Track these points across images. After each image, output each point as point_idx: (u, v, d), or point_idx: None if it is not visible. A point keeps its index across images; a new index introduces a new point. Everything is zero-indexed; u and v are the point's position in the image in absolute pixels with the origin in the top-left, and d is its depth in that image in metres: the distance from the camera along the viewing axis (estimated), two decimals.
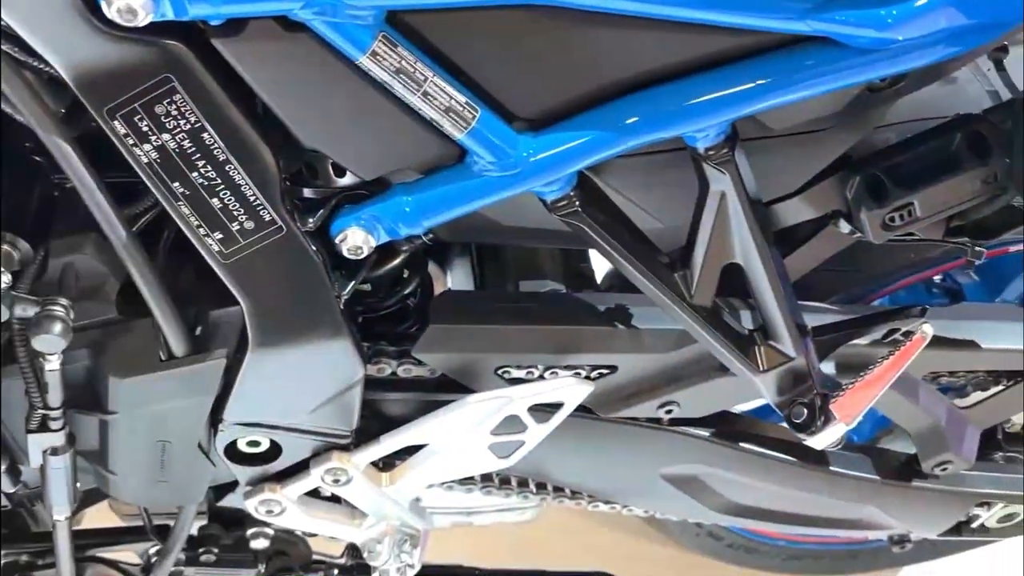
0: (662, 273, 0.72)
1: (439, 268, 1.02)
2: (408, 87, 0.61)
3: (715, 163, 0.66)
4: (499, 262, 0.96)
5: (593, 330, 0.83)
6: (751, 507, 1.02)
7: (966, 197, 0.68)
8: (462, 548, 1.39)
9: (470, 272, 0.98)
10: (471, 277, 0.98)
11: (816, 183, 0.71)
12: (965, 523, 1.10)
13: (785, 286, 0.73)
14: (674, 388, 0.87)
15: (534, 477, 1.01)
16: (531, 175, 0.66)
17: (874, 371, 0.75)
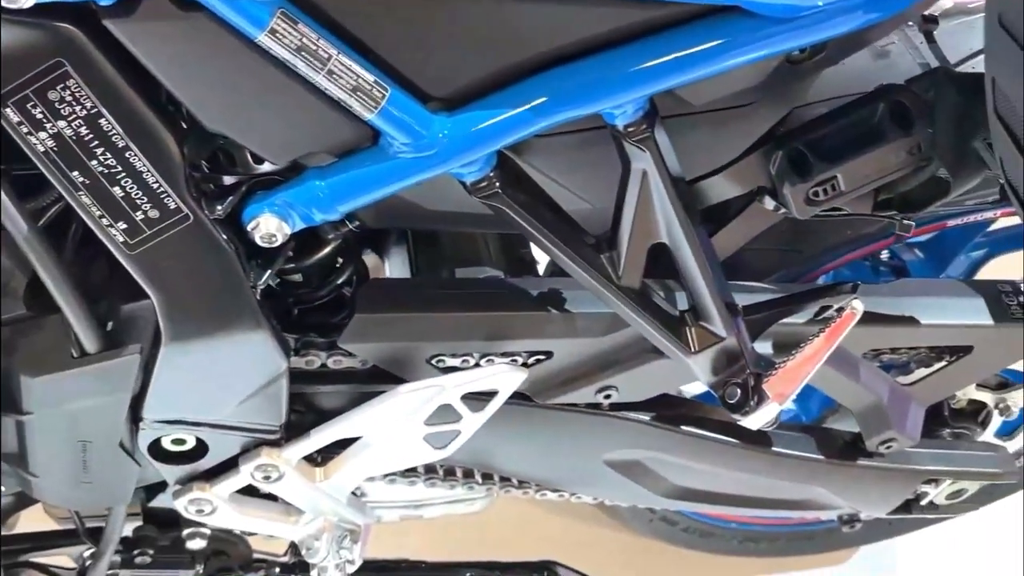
0: (588, 255, 0.71)
1: (377, 256, 0.99)
2: (311, 66, 0.59)
3: (634, 140, 0.65)
4: (435, 249, 0.94)
5: (526, 315, 0.81)
6: (696, 490, 1.01)
7: (890, 169, 0.67)
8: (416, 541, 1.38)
9: (407, 260, 0.96)
10: (408, 265, 0.96)
11: (740, 160, 0.70)
12: (914, 501, 1.09)
13: (713, 265, 0.72)
14: (611, 372, 0.85)
15: (478, 467, 1.00)
16: (447, 156, 0.64)
17: (806, 349, 0.74)
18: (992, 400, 1.11)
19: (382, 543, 1.31)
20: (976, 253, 1.14)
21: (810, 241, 0.93)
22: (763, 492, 1.02)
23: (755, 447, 0.96)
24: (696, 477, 0.99)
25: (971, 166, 0.65)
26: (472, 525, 1.46)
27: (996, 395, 1.11)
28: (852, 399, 0.95)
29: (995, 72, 0.55)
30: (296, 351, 0.81)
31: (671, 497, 1.01)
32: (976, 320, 0.93)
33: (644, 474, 0.98)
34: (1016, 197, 0.59)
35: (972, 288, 0.95)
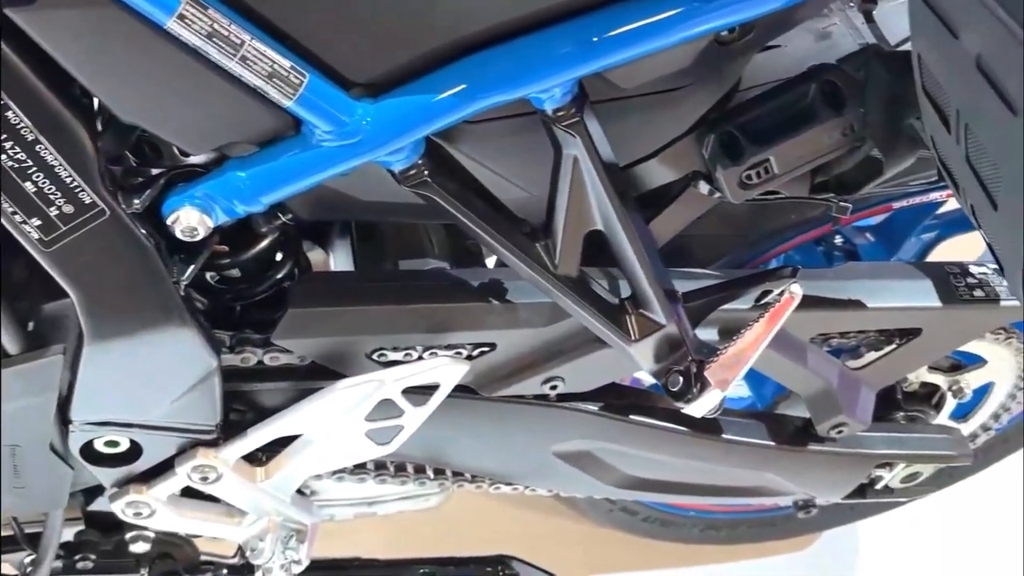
0: (523, 244, 0.69)
1: (322, 250, 0.98)
2: (224, 52, 0.57)
3: (564, 126, 0.63)
4: (378, 241, 0.92)
5: (466, 307, 0.80)
6: (648, 479, 1.00)
7: (823, 151, 0.66)
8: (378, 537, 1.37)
9: (350, 253, 0.95)
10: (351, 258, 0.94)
11: (674, 144, 0.68)
12: (868, 485, 1.09)
13: (650, 252, 0.71)
14: (556, 363, 0.84)
15: (428, 463, 0.98)
16: (372, 143, 0.62)
17: (746, 335, 0.73)
18: (945, 382, 1.11)
19: (341, 540, 1.30)
20: (927, 235, 1.14)
21: (755, 226, 0.92)
22: (715, 480, 1.01)
23: (705, 435, 0.95)
24: (647, 466, 0.98)
25: (904, 146, 0.64)
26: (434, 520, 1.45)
27: (949, 377, 1.11)
28: (801, 384, 0.94)
29: (920, 48, 0.54)
30: (231, 348, 0.79)
31: (623, 487, 1.00)
32: (924, 303, 0.92)
33: (595, 465, 0.97)
34: (949, 176, 0.58)
35: (920, 270, 0.94)
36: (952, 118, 0.52)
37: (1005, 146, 0.47)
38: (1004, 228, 0.50)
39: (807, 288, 0.90)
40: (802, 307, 0.88)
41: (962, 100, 0.50)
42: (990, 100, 0.47)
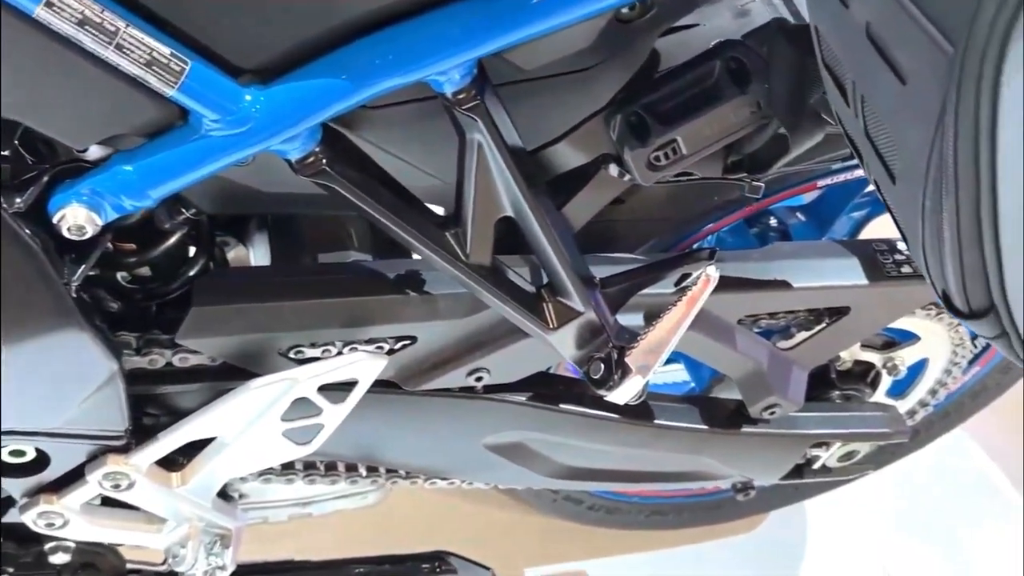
0: (432, 233, 0.67)
1: (242, 245, 0.95)
2: (98, 40, 0.54)
3: (464, 109, 0.61)
4: (295, 234, 0.90)
5: (383, 299, 0.78)
6: (584, 468, 0.99)
7: (730, 129, 0.64)
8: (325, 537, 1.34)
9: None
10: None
11: (581, 127, 0.67)
12: (806, 465, 1.09)
13: (563, 237, 0.69)
14: (480, 354, 0.82)
15: (358, 461, 0.96)
16: (263, 132, 0.60)
17: (664, 319, 0.72)
18: (879, 360, 1.12)
19: (291, 542, 1.27)
20: (857, 213, 1.14)
21: (681, 208, 0.91)
22: (651, 466, 1.01)
23: (637, 421, 0.94)
24: (581, 455, 0.97)
25: (809, 122, 0.63)
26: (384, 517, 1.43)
27: (883, 355, 1.11)
28: (731, 367, 0.93)
29: (817, 20, 0.53)
30: (137, 350, 0.76)
31: (559, 477, 0.99)
32: (850, 281, 0.92)
33: (528, 456, 0.96)
34: (855, 150, 0.57)
35: (846, 248, 0.94)
36: (849, 90, 0.51)
37: (897, 117, 0.46)
38: (903, 201, 0.49)
39: (732, 270, 0.89)
40: (728, 289, 0.88)
41: (856, 71, 0.49)
42: (881, 70, 0.45)
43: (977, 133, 0.40)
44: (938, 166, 0.43)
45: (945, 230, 0.45)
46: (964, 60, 0.39)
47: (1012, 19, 0.37)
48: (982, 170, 0.41)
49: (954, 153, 0.41)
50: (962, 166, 0.41)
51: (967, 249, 0.46)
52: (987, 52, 0.38)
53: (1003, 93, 0.39)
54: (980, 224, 0.44)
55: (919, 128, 0.43)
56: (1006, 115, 0.39)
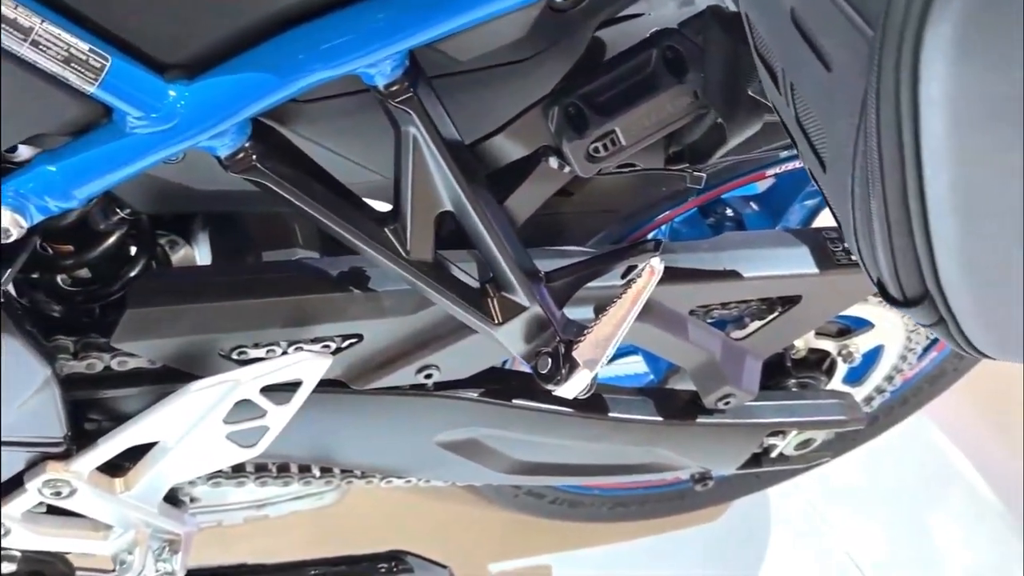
0: (370, 229, 0.66)
1: (188, 245, 0.93)
2: (13, 37, 0.52)
3: (397, 102, 0.60)
4: (238, 232, 0.88)
5: (327, 297, 0.76)
6: (540, 463, 0.98)
7: (668, 120, 0.64)
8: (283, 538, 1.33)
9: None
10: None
11: (518, 119, 0.66)
12: (763, 454, 1.09)
13: (505, 231, 0.68)
14: (428, 351, 0.81)
15: (311, 462, 0.95)
16: (189, 128, 0.58)
17: (610, 312, 0.71)
18: (834, 348, 1.12)
19: (254, 542, 1.26)
20: (810, 202, 1.14)
21: (627, 200, 0.91)
22: (607, 459, 1.00)
23: (591, 415, 0.94)
24: (537, 450, 0.96)
25: (746, 111, 0.62)
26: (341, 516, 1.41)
27: (838, 342, 1.12)
28: (683, 358, 0.93)
29: (747, 7, 0.52)
30: (75, 354, 0.74)
31: (515, 473, 0.98)
32: (801, 269, 0.92)
33: (482, 452, 0.95)
34: (793, 140, 0.56)
35: (796, 237, 0.94)
36: (779, 78, 0.50)
37: (824, 104, 0.46)
38: (834, 189, 0.49)
39: (682, 261, 0.89)
40: (678, 280, 0.88)
41: (784, 58, 0.49)
42: (807, 56, 0.45)
43: (899, 119, 0.39)
44: (864, 154, 0.42)
45: (874, 218, 0.45)
46: (883, 44, 0.38)
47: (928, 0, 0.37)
48: (907, 157, 0.40)
49: (878, 140, 0.41)
50: (887, 153, 0.41)
51: (897, 237, 0.45)
52: (904, 35, 0.37)
53: (923, 77, 0.38)
54: (908, 211, 0.43)
55: (845, 115, 0.43)
56: (927, 100, 0.38)
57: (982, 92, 0.38)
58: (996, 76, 0.38)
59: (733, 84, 0.60)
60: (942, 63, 0.38)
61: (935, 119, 0.39)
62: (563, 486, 1.33)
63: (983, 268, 0.46)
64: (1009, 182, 0.40)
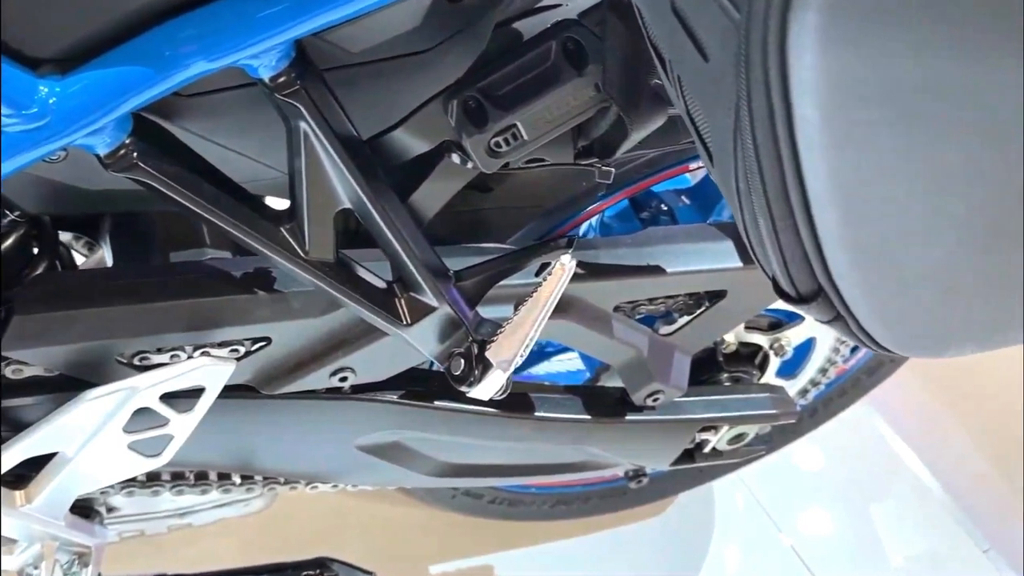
0: (265, 228, 0.63)
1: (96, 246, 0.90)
2: None
3: (284, 95, 0.58)
4: (142, 232, 0.85)
5: (231, 299, 0.73)
6: (467, 465, 0.97)
7: (571, 113, 0.62)
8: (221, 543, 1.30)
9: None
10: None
11: (417, 113, 0.63)
12: (696, 449, 1.08)
13: (409, 229, 0.66)
14: (341, 353, 0.79)
15: (228, 469, 0.92)
16: (63, 125, 0.55)
17: (522, 311, 0.69)
18: (766, 341, 1.11)
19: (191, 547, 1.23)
20: None
21: (548, 195, 0.89)
22: (536, 459, 0.99)
23: (517, 414, 0.92)
24: (462, 452, 0.94)
25: (648, 104, 0.60)
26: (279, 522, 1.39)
27: (769, 336, 1.11)
28: (609, 354, 0.91)
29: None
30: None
31: (441, 475, 0.96)
32: (725, 264, 0.91)
33: (406, 455, 0.93)
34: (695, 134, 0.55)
35: (720, 231, 0.93)
36: (668, 69, 0.49)
37: (705, 95, 0.44)
38: (723, 183, 0.47)
39: (604, 257, 0.87)
40: (600, 276, 0.86)
41: (670, 49, 0.47)
42: (688, 47, 0.43)
43: (771, 109, 0.38)
44: (742, 146, 0.41)
45: (758, 214, 0.44)
46: (748, 29, 0.37)
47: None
48: (782, 147, 0.39)
49: (752, 132, 0.39)
50: (762, 145, 0.39)
51: (783, 232, 0.44)
52: (769, 20, 0.36)
53: (791, 63, 0.36)
54: (791, 205, 0.42)
55: (723, 106, 0.41)
56: (798, 88, 0.37)
57: (852, 75, 0.36)
58: (864, 57, 0.36)
59: (634, 76, 0.58)
60: (810, 47, 0.36)
61: (807, 105, 0.37)
62: (501, 485, 1.31)
63: (872, 261, 0.44)
64: (886, 170, 0.39)
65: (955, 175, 0.39)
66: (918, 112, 0.36)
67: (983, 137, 0.37)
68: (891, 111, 0.37)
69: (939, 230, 0.42)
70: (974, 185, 0.39)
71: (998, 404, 1.73)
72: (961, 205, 0.40)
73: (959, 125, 0.36)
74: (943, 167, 0.38)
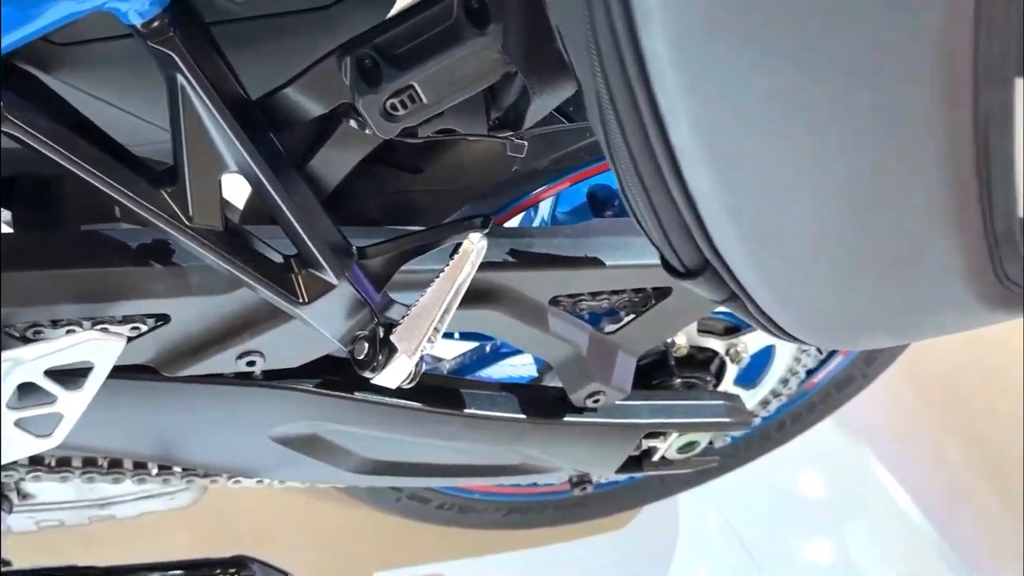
0: (142, 190, 0.59)
1: None
2: None
3: (157, 43, 0.53)
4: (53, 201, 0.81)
5: (125, 272, 0.69)
6: (392, 463, 0.92)
7: (474, 76, 0.57)
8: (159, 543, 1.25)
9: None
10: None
11: (309, 71, 0.59)
12: (644, 457, 1.03)
13: (305, 199, 0.61)
14: (247, 335, 0.74)
15: (135, 457, 0.87)
16: None
17: (427, 294, 0.65)
18: (722, 347, 1.06)
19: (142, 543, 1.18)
20: None
21: (482, 178, 0.84)
22: (467, 458, 0.93)
23: (443, 410, 0.87)
24: (386, 448, 0.89)
25: (551, 69, 0.55)
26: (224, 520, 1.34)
27: (725, 341, 1.06)
28: (544, 350, 0.86)
29: None
30: None
31: (365, 472, 0.91)
32: None
33: (326, 449, 0.88)
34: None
35: None
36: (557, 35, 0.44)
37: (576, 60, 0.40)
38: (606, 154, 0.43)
39: (539, 247, 0.82)
40: (534, 266, 0.82)
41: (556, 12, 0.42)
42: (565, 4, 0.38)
43: (618, 45, 0.33)
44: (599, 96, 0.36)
45: (625, 175, 0.39)
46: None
47: None
48: (638, 94, 0.34)
49: (610, 98, 0.34)
50: (623, 112, 0.35)
51: (655, 194, 0.39)
52: None
53: (638, 21, 0.31)
54: (657, 162, 0.37)
55: (585, 72, 0.37)
56: (642, 16, 0.32)
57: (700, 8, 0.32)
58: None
59: (537, 37, 0.54)
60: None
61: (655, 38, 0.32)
62: (449, 490, 1.26)
63: (757, 233, 0.40)
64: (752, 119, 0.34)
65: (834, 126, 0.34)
66: (777, 42, 0.32)
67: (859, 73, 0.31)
68: (749, 43, 0.32)
69: (825, 196, 0.37)
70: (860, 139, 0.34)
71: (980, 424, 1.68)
72: (844, 165, 0.35)
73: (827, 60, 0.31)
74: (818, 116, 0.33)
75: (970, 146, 0.32)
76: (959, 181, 0.34)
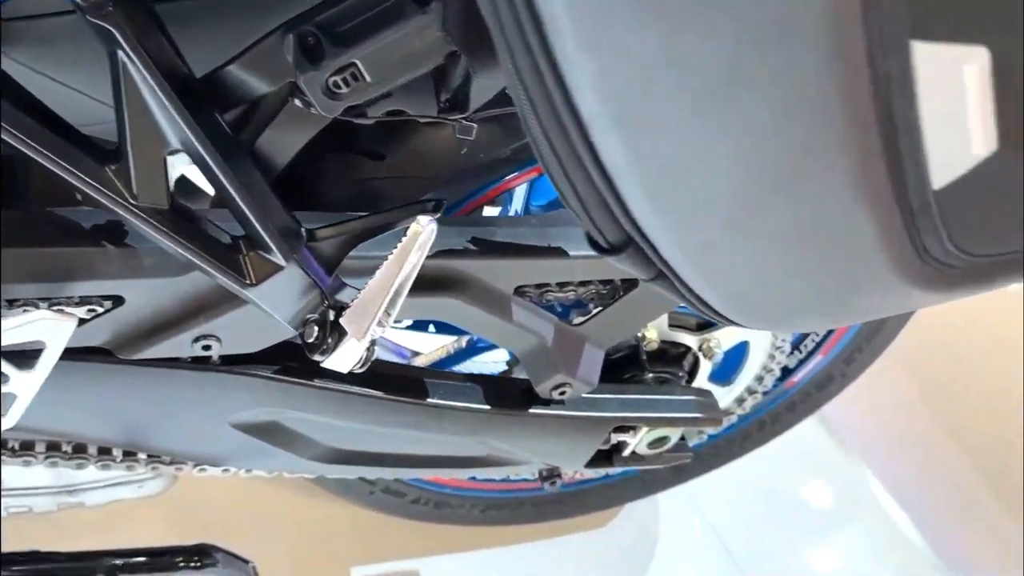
0: (86, 166, 0.58)
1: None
2: None
3: (97, 18, 0.53)
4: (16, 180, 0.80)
5: (79, 252, 0.68)
6: (355, 452, 0.91)
7: (418, 55, 0.56)
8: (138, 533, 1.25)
9: None
10: None
11: (254, 48, 0.59)
12: (614, 451, 1.02)
13: (251, 178, 0.61)
14: (203, 319, 0.74)
15: (93, 441, 0.87)
16: None
17: (376, 276, 0.64)
18: (694, 342, 1.05)
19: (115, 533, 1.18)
20: None
21: (445, 166, 0.84)
22: (431, 449, 0.93)
23: (406, 399, 0.86)
24: (349, 437, 0.89)
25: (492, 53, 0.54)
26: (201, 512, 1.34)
27: (697, 336, 1.05)
28: (508, 340, 0.86)
29: None
30: None
31: (327, 461, 0.90)
32: None
33: (287, 437, 0.87)
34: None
35: None
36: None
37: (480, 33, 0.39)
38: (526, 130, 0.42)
39: (502, 236, 0.82)
40: (496, 254, 0.81)
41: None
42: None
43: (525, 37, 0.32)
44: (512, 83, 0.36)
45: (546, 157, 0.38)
46: None
47: None
48: (539, 60, 0.34)
49: (513, 64, 0.34)
50: (527, 77, 0.34)
51: (567, 162, 0.39)
52: None
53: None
54: (565, 129, 0.37)
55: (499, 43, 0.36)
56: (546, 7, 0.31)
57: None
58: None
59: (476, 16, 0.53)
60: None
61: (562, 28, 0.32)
62: (425, 484, 1.26)
63: (672, 205, 0.39)
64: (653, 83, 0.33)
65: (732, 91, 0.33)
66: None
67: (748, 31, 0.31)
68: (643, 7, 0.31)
69: (733, 166, 0.36)
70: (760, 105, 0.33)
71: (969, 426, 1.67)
72: (750, 133, 0.34)
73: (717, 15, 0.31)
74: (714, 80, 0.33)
75: (872, 115, 0.31)
76: (866, 152, 0.33)
